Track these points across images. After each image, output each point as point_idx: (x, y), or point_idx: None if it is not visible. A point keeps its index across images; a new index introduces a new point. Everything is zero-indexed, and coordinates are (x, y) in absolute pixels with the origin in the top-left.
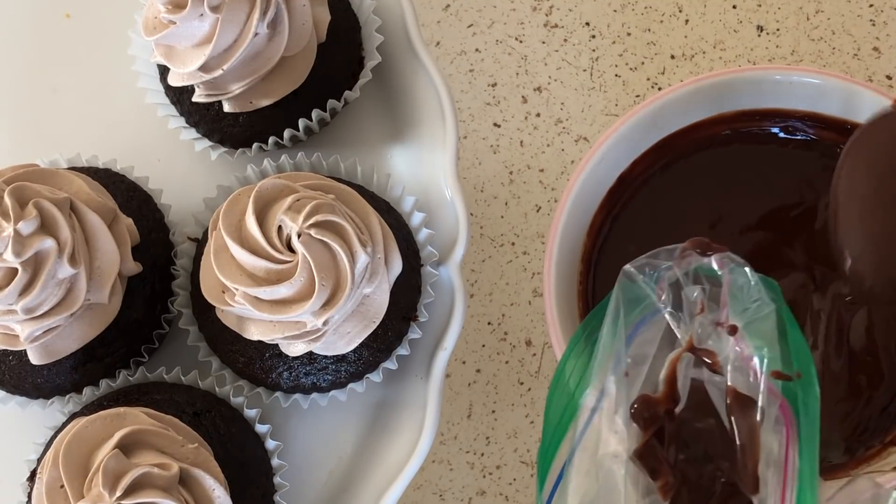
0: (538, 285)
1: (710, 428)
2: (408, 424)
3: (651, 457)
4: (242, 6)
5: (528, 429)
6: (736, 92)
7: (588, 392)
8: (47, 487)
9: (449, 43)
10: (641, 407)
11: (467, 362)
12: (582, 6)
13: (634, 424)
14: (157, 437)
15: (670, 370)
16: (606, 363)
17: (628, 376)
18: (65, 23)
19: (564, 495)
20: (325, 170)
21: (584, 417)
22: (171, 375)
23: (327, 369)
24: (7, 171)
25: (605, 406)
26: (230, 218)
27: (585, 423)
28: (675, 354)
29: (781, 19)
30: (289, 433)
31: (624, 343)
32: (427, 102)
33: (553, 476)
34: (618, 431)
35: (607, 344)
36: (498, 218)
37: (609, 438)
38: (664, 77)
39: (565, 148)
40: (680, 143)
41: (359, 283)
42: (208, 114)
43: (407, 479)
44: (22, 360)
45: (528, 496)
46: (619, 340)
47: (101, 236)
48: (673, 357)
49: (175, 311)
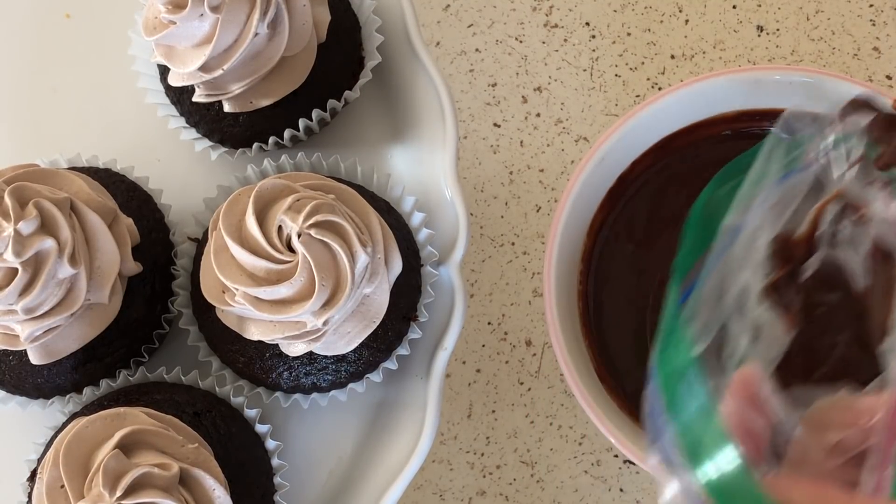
0: (538, 285)
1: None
2: (408, 424)
3: (780, 293)
4: (242, 6)
5: (528, 429)
6: (736, 92)
7: (731, 216)
8: (47, 487)
9: (449, 43)
10: (780, 245)
11: (467, 362)
12: (582, 6)
13: (770, 259)
14: (157, 437)
15: (815, 215)
16: (753, 192)
17: (772, 211)
18: (65, 23)
19: (694, 307)
20: (325, 170)
21: (723, 240)
22: (171, 375)
23: (327, 369)
24: (7, 171)
25: (746, 233)
26: (230, 218)
27: (724, 246)
28: (823, 201)
29: (781, 19)
30: (289, 433)
31: (774, 180)
32: (427, 102)
33: (685, 286)
34: (753, 261)
35: (757, 175)
36: (498, 218)
37: (743, 266)
38: (664, 77)
39: (565, 148)
40: (680, 143)
41: (359, 283)
42: (208, 114)
43: (407, 479)
44: (22, 360)
45: (528, 496)
46: (769, 177)
47: (102, 236)
48: (820, 204)
49: (175, 311)
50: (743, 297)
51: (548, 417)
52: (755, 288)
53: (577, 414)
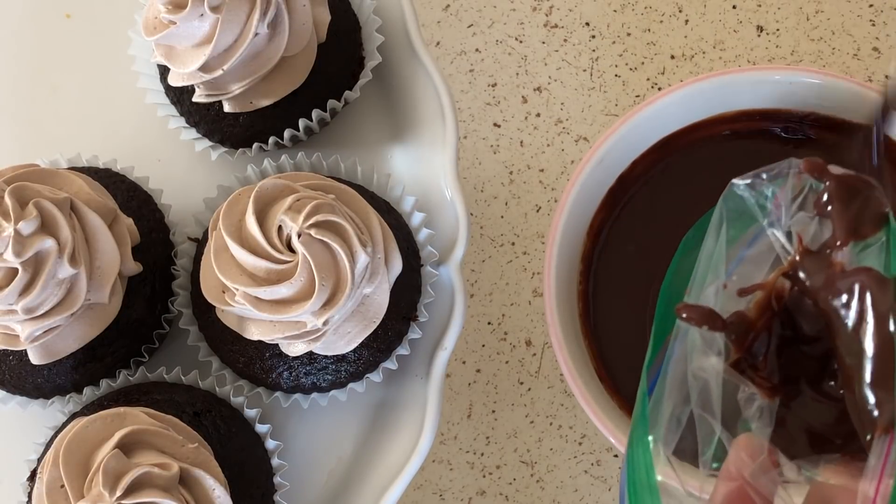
0: (538, 285)
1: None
2: (408, 424)
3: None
4: (242, 6)
5: (528, 429)
6: (736, 92)
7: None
8: (47, 487)
9: (449, 43)
10: (737, 322)
11: (467, 362)
12: (582, 6)
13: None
14: (157, 436)
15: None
16: (705, 274)
17: (727, 289)
18: (65, 23)
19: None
20: (325, 170)
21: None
22: (171, 375)
23: (327, 369)
24: (7, 171)
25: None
26: (230, 218)
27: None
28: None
29: (781, 19)
30: (289, 433)
31: (724, 255)
32: (427, 102)
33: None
34: (712, 344)
35: (707, 255)
36: (498, 218)
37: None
38: (664, 77)
39: (565, 148)
40: (680, 143)
41: (359, 283)
42: (208, 114)
43: (407, 479)
44: (22, 360)
45: (528, 496)
46: (719, 252)
47: (102, 236)
48: (775, 273)
49: (175, 311)
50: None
51: (548, 417)
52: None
53: (577, 414)
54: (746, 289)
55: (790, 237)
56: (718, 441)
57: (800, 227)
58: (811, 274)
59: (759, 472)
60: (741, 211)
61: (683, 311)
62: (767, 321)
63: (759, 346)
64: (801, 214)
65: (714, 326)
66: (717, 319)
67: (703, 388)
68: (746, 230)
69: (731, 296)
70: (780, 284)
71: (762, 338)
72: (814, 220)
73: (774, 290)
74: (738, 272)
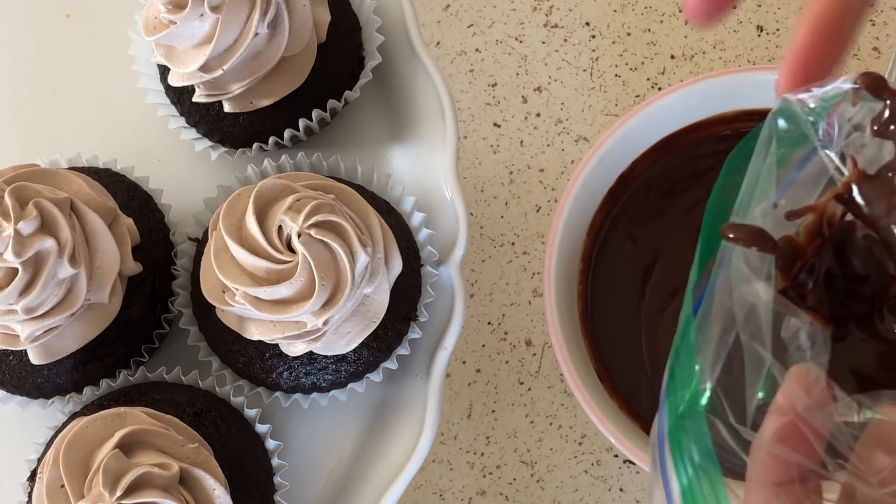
0: (538, 285)
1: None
2: (408, 424)
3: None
4: (242, 6)
5: (528, 428)
6: (736, 92)
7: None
8: (47, 487)
9: (449, 43)
10: (785, 246)
11: (467, 362)
12: (582, 6)
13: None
14: (157, 436)
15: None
16: (752, 193)
17: (777, 209)
18: (65, 23)
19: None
20: (325, 170)
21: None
22: (171, 375)
23: (327, 369)
24: (7, 171)
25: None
26: (230, 218)
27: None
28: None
29: (781, 19)
30: (289, 433)
31: (774, 174)
32: (427, 102)
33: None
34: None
35: (755, 174)
36: (498, 218)
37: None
38: (664, 77)
39: (565, 148)
40: (680, 143)
41: (359, 283)
42: (208, 114)
43: (407, 479)
44: (22, 360)
45: (528, 496)
46: (768, 171)
47: (102, 236)
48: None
49: (175, 311)
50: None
51: (548, 417)
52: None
53: (577, 414)
54: (796, 211)
55: (844, 160)
56: (768, 372)
57: (854, 148)
58: (870, 200)
59: (814, 407)
60: (791, 129)
61: (730, 231)
62: (817, 249)
63: (806, 277)
64: (856, 135)
65: (764, 247)
66: (767, 240)
67: (751, 314)
68: (796, 150)
69: (779, 220)
70: (832, 209)
71: (810, 267)
72: (872, 142)
73: (826, 214)
74: (788, 195)
